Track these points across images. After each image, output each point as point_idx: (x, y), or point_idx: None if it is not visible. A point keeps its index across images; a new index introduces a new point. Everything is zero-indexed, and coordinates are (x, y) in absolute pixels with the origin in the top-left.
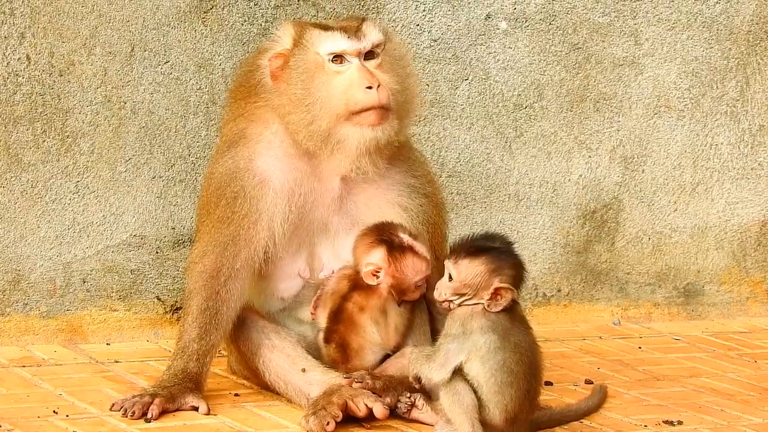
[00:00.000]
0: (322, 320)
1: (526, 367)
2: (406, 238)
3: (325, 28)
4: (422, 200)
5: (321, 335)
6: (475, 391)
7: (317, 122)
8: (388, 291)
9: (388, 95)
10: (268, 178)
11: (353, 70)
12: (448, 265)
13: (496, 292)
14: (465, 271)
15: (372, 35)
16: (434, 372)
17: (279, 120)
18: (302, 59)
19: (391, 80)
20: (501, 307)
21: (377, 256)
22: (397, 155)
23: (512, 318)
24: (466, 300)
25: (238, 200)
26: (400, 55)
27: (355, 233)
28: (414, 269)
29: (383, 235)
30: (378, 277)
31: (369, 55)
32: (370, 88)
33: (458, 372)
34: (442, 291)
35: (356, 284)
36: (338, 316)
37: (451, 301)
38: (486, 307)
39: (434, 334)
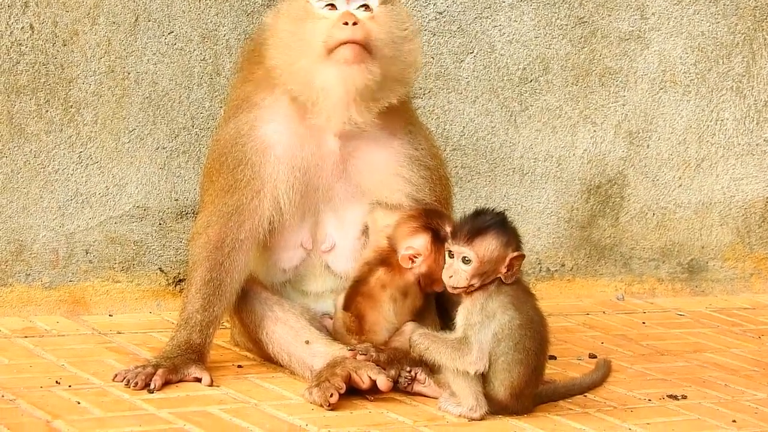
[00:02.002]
0: None
1: (537, 343)
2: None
3: None
4: (425, 173)
5: (341, 299)
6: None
7: (298, 63)
8: (416, 277)
9: (367, 35)
10: (270, 145)
11: (337, 12)
12: (461, 249)
13: (511, 263)
14: (482, 250)
15: None
16: (472, 366)
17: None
18: (292, 6)
19: (381, 33)
20: (515, 277)
21: (420, 242)
22: (400, 126)
23: (523, 290)
24: (485, 279)
25: (240, 167)
26: (399, 18)
27: (359, 201)
28: None
29: (431, 222)
30: (414, 262)
31: (363, 7)
32: (346, 24)
33: None
34: (461, 277)
35: (384, 259)
36: (360, 287)
37: (472, 284)
38: (504, 279)
39: (441, 314)
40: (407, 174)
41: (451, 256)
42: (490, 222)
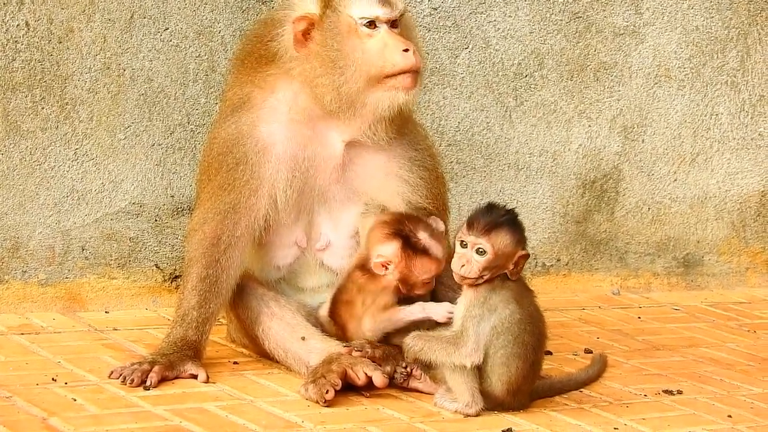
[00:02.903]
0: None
1: (536, 338)
2: (424, 237)
3: None
4: (423, 173)
5: (326, 307)
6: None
7: (348, 84)
8: (395, 284)
9: (421, 59)
10: (271, 145)
11: (384, 34)
12: (478, 240)
13: (518, 260)
14: (498, 243)
15: (399, 4)
16: (468, 358)
17: (300, 85)
18: (335, 21)
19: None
20: (519, 274)
21: (390, 249)
22: (401, 128)
23: (523, 286)
24: (493, 273)
25: (240, 167)
26: (412, 26)
27: (355, 203)
28: (423, 270)
29: (402, 229)
30: (387, 269)
31: (393, 23)
32: (406, 50)
33: None
34: (473, 267)
35: (363, 264)
36: (340, 294)
37: (482, 276)
38: (510, 276)
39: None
40: (406, 176)
41: (464, 246)
42: (506, 217)
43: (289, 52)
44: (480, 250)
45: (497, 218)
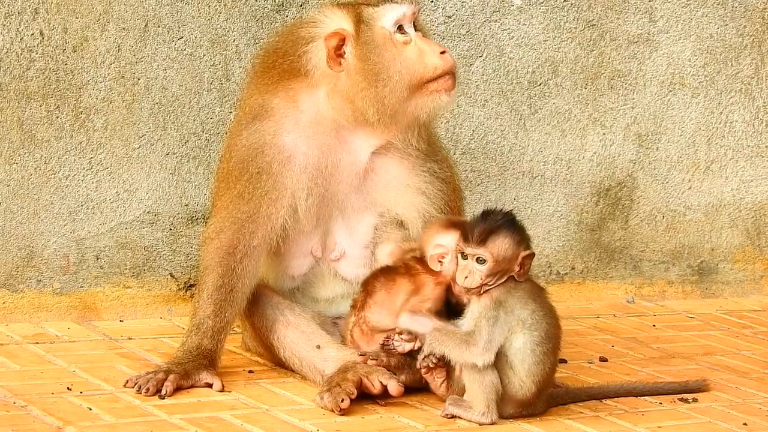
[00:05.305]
0: None
1: (560, 333)
2: None
3: (373, 4)
4: (441, 185)
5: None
6: (511, 367)
7: (393, 94)
8: (446, 284)
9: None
10: (294, 154)
11: (417, 41)
12: (476, 250)
13: (523, 261)
14: (497, 249)
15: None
16: (479, 357)
17: (324, 97)
18: (371, 35)
19: None
20: (527, 274)
21: (448, 238)
22: (419, 139)
23: (534, 285)
24: (499, 278)
25: (262, 176)
26: (426, 27)
27: (370, 213)
28: None
29: (459, 223)
30: (442, 264)
31: (416, 26)
32: (443, 53)
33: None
34: (475, 277)
35: (420, 257)
36: (386, 269)
37: (487, 284)
38: (517, 277)
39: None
40: (424, 187)
41: (465, 257)
42: (502, 222)
43: (320, 68)
44: (479, 259)
45: (491, 225)
